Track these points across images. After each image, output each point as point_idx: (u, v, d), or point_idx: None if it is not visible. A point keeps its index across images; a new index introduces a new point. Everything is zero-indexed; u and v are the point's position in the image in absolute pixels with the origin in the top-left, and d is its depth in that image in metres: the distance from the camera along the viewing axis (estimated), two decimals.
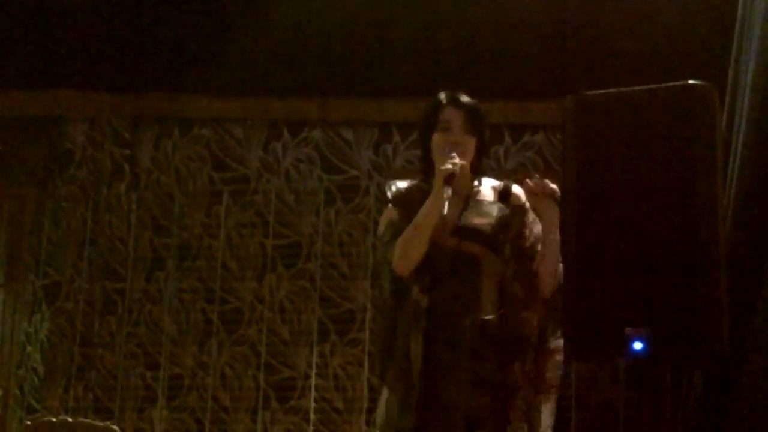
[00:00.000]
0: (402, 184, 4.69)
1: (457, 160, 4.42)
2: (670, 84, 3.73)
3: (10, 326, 7.37)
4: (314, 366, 6.97)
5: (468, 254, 4.45)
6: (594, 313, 3.78)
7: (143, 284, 7.28)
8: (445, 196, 4.34)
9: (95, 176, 7.45)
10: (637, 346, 3.67)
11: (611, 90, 3.85)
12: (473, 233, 4.48)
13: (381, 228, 4.68)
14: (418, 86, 6.87)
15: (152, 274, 7.29)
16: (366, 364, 6.91)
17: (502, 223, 4.52)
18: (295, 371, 7.03)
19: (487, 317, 4.38)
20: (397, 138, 7.17)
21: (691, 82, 3.69)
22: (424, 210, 4.43)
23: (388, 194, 4.71)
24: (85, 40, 7.35)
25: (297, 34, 7.22)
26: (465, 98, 4.63)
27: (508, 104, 6.92)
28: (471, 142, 4.58)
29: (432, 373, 4.36)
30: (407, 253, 4.44)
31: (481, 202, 4.59)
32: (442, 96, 4.66)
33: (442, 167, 4.40)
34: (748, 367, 4.96)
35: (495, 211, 4.56)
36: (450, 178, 4.36)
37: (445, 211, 4.33)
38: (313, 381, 6.97)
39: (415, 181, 4.74)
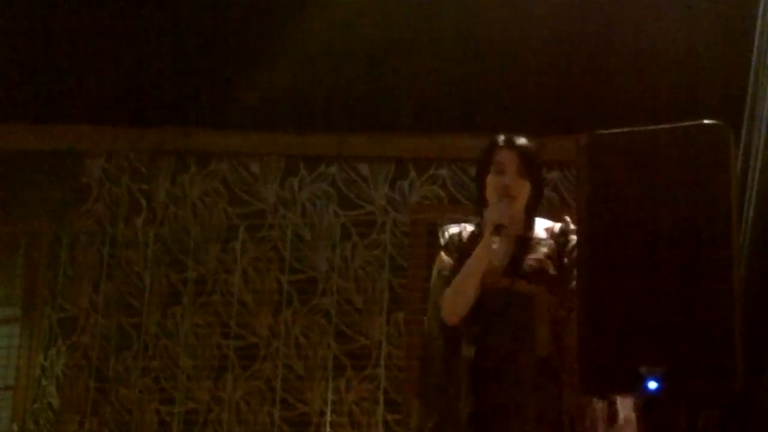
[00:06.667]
0: (454, 230, 4.64)
1: (506, 211, 4.43)
2: (685, 123, 3.72)
3: (26, 360, 7.38)
4: (329, 402, 6.96)
5: (520, 293, 4.42)
6: (608, 350, 3.76)
7: (159, 319, 7.29)
8: (494, 246, 4.34)
9: (112, 211, 7.47)
10: (652, 385, 3.65)
11: (625, 129, 3.84)
12: (524, 272, 4.46)
13: (433, 276, 4.64)
14: (433, 122, 6.90)
15: (168, 308, 7.30)
16: (381, 400, 6.90)
17: (554, 259, 4.50)
18: (310, 407, 7.02)
19: (541, 350, 4.38)
20: (413, 173, 7.18)
21: (705, 121, 3.68)
22: (471, 261, 4.43)
23: (441, 241, 4.65)
24: (102, 75, 7.39)
25: (313, 70, 7.25)
26: (521, 140, 4.60)
27: None
28: (524, 186, 4.55)
29: (487, 415, 4.34)
30: (456, 303, 4.44)
31: (532, 243, 4.56)
32: (499, 138, 4.62)
33: (491, 217, 4.40)
34: (763, 403, 4.94)
35: (545, 249, 4.53)
36: (499, 229, 4.35)
37: (497, 263, 4.35)
38: (328, 417, 6.95)
39: (467, 225, 4.69)
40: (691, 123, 3.72)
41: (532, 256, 4.50)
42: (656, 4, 6.87)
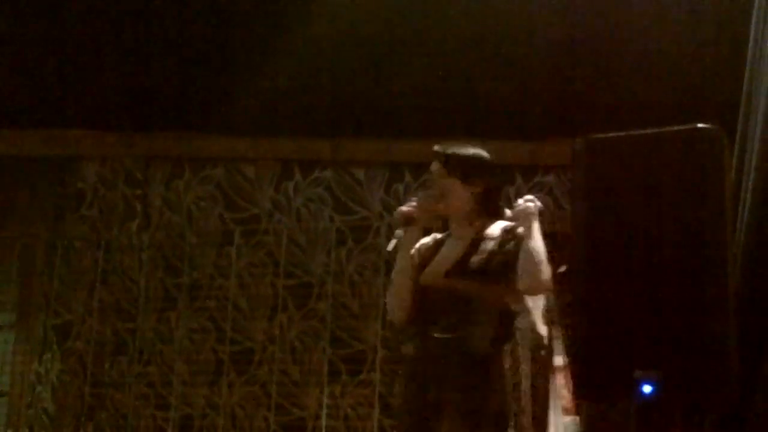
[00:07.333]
0: (423, 240, 4.68)
1: (412, 204, 4.52)
2: (679, 127, 3.73)
3: (20, 366, 7.36)
4: (324, 407, 6.95)
5: (459, 292, 4.45)
6: (603, 355, 3.76)
7: (154, 324, 7.28)
8: (396, 237, 4.51)
9: (107, 216, 7.46)
10: (646, 389, 3.65)
11: (620, 133, 3.85)
12: (464, 271, 4.48)
13: None
14: (429, 127, 6.89)
15: (163, 314, 7.29)
16: (377, 405, 6.89)
17: (497, 254, 4.49)
18: (306, 412, 7.01)
19: (474, 348, 4.39)
20: (408, 178, 7.17)
21: (699, 125, 3.69)
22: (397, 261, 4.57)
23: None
24: (97, 81, 7.38)
25: (308, 75, 7.24)
26: (449, 147, 4.59)
27: (519, 145, 6.92)
28: (449, 185, 4.54)
29: (422, 412, 4.38)
30: (392, 303, 4.59)
31: (481, 243, 4.56)
32: None
33: (395, 213, 4.55)
34: (758, 409, 4.93)
35: (491, 246, 4.52)
36: (408, 221, 4.47)
37: (390, 247, 4.49)
38: (323, 422, 6.94)
39: (437, 235, 4.73)
40: (686, 127, 3.73)
41: (479, 255, 4.51)
42: (655, 8, 6.87)
